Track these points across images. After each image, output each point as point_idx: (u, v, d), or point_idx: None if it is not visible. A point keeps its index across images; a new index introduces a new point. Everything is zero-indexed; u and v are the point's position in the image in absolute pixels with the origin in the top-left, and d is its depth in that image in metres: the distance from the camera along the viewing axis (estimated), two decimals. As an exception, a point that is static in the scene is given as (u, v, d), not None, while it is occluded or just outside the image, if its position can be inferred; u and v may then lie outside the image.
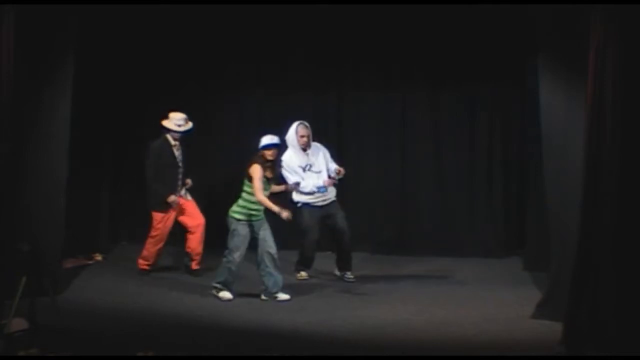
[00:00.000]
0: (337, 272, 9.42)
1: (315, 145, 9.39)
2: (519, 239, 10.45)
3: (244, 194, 8.53)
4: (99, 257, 10.09)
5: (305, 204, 9.24)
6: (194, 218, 9.45)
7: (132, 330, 7.49)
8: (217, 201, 10.70)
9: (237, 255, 8.49)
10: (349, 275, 9.35)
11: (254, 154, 8.59)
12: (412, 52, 10.34)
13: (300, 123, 9.29)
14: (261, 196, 8.39)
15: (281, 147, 8.77)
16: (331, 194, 9.31)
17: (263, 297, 8.52)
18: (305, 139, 9.25)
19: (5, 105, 7.70)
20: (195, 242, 9.42)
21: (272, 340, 7.40)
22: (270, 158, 8.52)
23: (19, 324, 7.06)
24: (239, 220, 8.52)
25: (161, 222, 9.35)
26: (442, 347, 7.25)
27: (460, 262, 10.16)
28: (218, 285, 8.56)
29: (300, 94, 10.73)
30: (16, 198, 8.03)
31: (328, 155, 9.44)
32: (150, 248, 9.42)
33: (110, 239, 10.65)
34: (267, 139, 8.56)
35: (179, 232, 9.71)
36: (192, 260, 9.47)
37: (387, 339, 7.50)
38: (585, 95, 7.06)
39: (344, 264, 9.39)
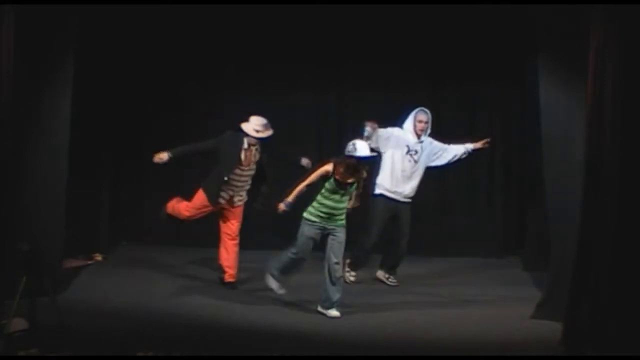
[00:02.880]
0: (378, 274, 9.31)
1: (428, 140, 9.16)
2: (519, 239, 10.46)
3: (318, 195, 8.11)
4: (99, 257, 10.09)
5: (381, 195, 9.07)
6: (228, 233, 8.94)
7: (132, 330, 7.48)
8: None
9: (294, 250, 8.11)
10: (392, 279, 9.27)
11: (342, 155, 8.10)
12: (412, 52, 10.34)
13: (421, 109, 9.10)
14: (300, 184, 8.03)
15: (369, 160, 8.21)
16: (408, 192, 9.08)
17: (318, 308, 8.14)
18: (422, 125, 9.04)
19: (5, 105, 7.70)
20: (224, 254, 8.96)
21: (272, 340, 7.40)
22: (357, 167, 7.99)
23: (19, 324, 7.06)
24: (305, 219, 8.09)
25: (196, 205, 8.90)
26: (442, 347, 7.25)
27: (460, 262, 10.17)
28: (273, 271, 8.22)
29: (300, 94, 10.73)
30: (16, 198, 8.03)
31: (436, 144, 9.17)
32: (179, 205, 8.99)
33: (110, 239, 10.64)
34: (363, 150, 7.97)
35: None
36: (223, 272, 9.00)
37: (387, 339, 7.50)
38: (585, 95, 7.06)
39: (391, 267, 9.28)
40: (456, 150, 9.19)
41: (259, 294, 8.71)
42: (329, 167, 8.00)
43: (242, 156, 8.75)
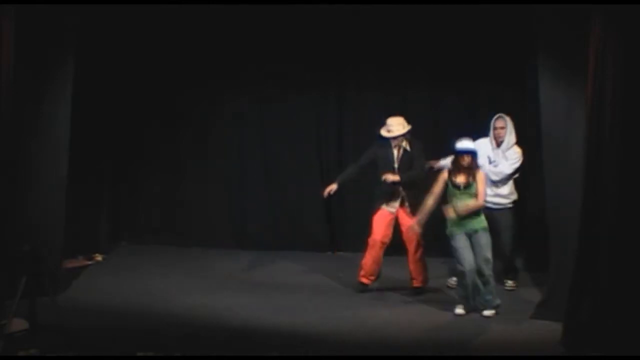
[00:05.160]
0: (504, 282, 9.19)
1: (515, 149, 8.90)
2: (519, 239, 10.43)
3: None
4: (99, 257, 10.09)
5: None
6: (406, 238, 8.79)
7: (132, 330, 7.49)
8: (217, 202, 10.74)
9: (463, 269, 8.01)
10: (509, 283, 9.10)
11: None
12: (413, 52, 10.33)
13: (499, 115, 8.96)
14: (428, 198, 8.09)
15: (476, 155, 8.19)
16: (505, 200, 8.89)
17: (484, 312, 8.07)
18: (498, 131, 8.88)
19: (5, 105, 7.70)
20: (410, 262, 8.86)
21: (272, 340, 7.40)
22: (463, 164, 8.03)
23: (19, 324, 7.06)
24: (453, 233, 8.12)
25: (373, 223, 8.80)
26: (442, 347, 7.26)
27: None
28: (457, 298, 8.22)
29: (300, 94, 10.72)
30: (16, 198, 8.03)
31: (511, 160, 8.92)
32: (365, 254, 8.86)
33: (110, 239, 10.64)
34: (460, 143, 8.08)
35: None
36: (412, 279, 8.89)
37: (387, 339, 7.50)
38: (585, 95, 7.06)
39: (504, 271, 9.11)
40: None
41: (260, 294, 8.71)
42: (443, 173, 8.14)
43: (395, 156, 8.76)
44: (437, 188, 8.12)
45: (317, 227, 10.59)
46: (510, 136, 8.93)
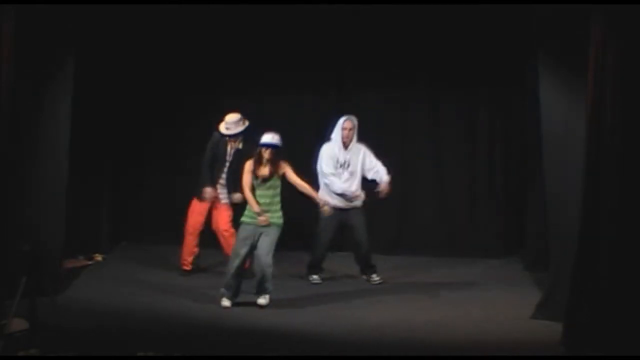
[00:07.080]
0: (364, 276, 9.34)
1: (358, 146, 9.19)
2: (519, 239, 10.45)
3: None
4: (99, 257, 10.08)
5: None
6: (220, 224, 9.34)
7: (132, 330, 7.49)
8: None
9: (234, 259, 8.26)
10: (374, 277, 9.27)
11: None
12: (412, 52, 10.33)
13: (348, 117, 9.16)
14: (245, 190, 8.29)
15: (279, 148, 8.35)
16: (356, 200, 9.18)
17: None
18: (346, 132, 9.09)
19: (5, 105, 7.70)
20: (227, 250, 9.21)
21: (271, 340, 7.40)
22: (265, 157, 8.24)
23: (19, 324, 7.06)
24: (242, 222, 8.33)
25: (191, 211, 9.32)
26: (442, 347, 7.25)
27: (460, 262, 10.16)
28: (221, 290, 8.31)
29: (300, 94, 10.72)
30: (17, 198, 8.03)
31: (371, 157, 9.22)
32: (184, 240, 9.41)
33: (110, 239, 10.63)
34: (264, 137, 8.31)
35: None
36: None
37: (387, 339, 7.50)
38: (585, 95, 7.06)
39: (364, 269, 9.32)
40: (378, 174, 9.22)
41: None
42: (248, 164, 8.33)
43: (228, 152, 9.24)
44: (247, 178, 8.28)
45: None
46: (355, 136, 9.18)
